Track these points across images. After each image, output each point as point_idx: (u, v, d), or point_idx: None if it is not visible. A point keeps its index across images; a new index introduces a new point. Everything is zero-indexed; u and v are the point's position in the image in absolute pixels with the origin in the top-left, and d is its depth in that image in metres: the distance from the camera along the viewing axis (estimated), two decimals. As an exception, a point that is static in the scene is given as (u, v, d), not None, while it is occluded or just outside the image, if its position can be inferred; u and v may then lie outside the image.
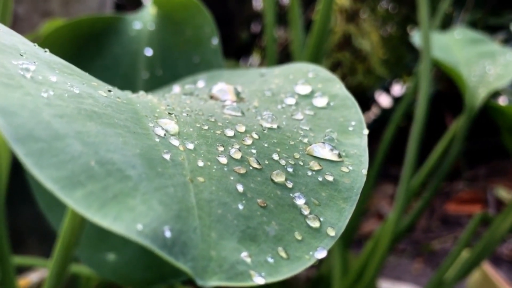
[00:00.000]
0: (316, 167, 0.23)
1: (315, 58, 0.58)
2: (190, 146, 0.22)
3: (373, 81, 1.43)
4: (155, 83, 0.54)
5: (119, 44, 0.57)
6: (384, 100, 1.79)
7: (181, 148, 0.21)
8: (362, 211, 0.83)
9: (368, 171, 0.23)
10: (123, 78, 0.55)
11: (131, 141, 0.19)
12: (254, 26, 1.96)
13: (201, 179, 0.20)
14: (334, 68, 1.40)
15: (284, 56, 1.42)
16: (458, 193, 1.51)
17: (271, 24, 0.66)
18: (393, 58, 1.47)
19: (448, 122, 1.50)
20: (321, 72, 0.32)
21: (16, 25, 1.45)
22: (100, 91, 0.23)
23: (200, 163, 0.21)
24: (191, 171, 0.20)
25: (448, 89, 1.52)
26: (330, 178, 0.23)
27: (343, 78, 1.39)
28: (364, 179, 0.23)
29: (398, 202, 0.63)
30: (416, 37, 0.72)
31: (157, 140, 0.21)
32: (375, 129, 1.60)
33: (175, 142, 0.22)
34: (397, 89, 1.73)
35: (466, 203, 1.45)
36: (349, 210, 0.21)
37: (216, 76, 0.41)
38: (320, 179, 0.22)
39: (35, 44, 0.26)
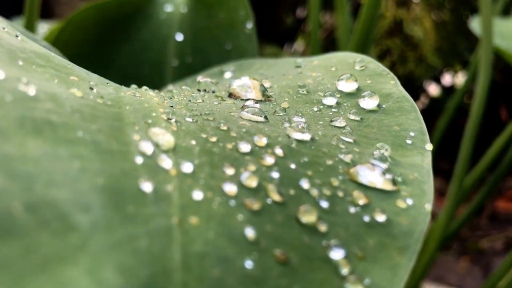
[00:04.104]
0: (362, 201, 0.16)
1: (363, 46, 0.53)
2: (187, 168, 0.16)
3: (424, 70, 1.34)
4: (185, 71, 0.50)
5: (148, 28, 0.53)
6: (432, 89, 1.70)
7: (172, 172, 0.15)
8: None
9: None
10: (151, 66, 0.52)
11: (95, 166, 0.13)
12: (300, 10, 1.89)
13: (194, 220, 0.14)
14: (382, 56, 1.31)
15: (330, 43, 1.34)
16: (510, 189, 1.44)
17: (315, 8, 0.62)
18: (446, 46, 1.37)
19: (503, 114, 1.40)
20: (371, 64, 0.26)
21: (57, 8, 1.45)
22: (73, 89, 0.17)
23: (197, 195, 0.15)
24: (182, 208, 0.14)
25: (502, 79, 1.43)
26: (381, 218, 0.16)
27: (392, 67, 1.31)
28: (428, 218, 0.16)
29: (450, 202, 0.58)
30: (475, 23, 0.65)
31: (139, 161, 0.15)
32: (423, 119, 1.52)
33: (165, 163, 0.15)
34: (447, 78, 1.63)
35: (519, 201, 1.39)
36: (406, 267, 0.15)
37: (246, 65, 0.35)
38: (366, 219, 0.16)
39: (5, 27, 0.20)
